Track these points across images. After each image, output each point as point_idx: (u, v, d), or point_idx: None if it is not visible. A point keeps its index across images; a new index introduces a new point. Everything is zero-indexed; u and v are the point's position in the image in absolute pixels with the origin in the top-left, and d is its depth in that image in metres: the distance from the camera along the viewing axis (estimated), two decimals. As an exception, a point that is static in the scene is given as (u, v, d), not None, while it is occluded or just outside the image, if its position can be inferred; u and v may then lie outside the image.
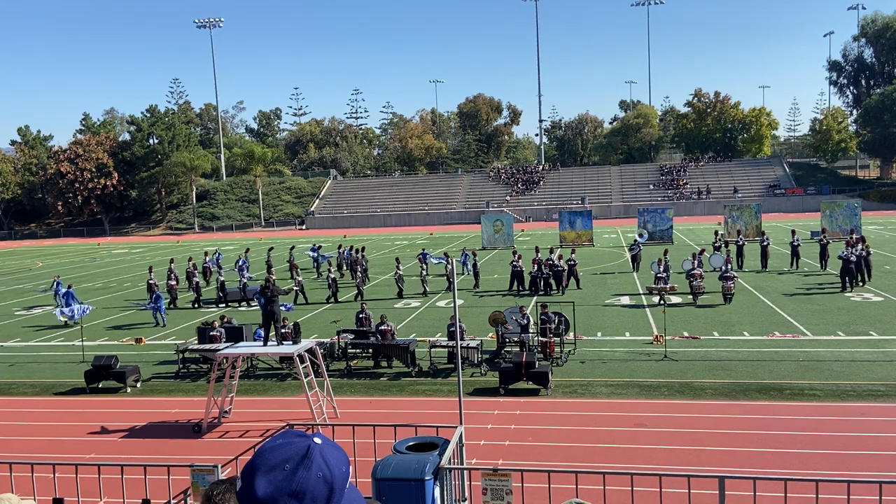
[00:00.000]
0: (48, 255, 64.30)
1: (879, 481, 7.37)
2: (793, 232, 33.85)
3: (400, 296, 29.90)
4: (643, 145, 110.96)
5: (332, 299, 29.37)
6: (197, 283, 31.20)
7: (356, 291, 30.01)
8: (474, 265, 32.26)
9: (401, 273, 30.69)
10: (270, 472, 1.55)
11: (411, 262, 38.41)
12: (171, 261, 33.80)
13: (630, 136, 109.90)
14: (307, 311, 27.51)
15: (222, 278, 31.24)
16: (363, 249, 36.24)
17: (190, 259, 34.43)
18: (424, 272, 31.48)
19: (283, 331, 15.42)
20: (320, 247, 41.56)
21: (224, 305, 29.64)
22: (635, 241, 36.28)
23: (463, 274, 34.14)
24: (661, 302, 25.76)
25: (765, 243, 33.66)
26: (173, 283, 30.12)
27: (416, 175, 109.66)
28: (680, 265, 29.73)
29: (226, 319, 20.67)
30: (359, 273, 30.53)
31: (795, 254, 32.60)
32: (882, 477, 9.37)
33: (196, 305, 30.02)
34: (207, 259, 37.17)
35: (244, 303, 29.81)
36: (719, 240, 34.68)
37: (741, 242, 34.33)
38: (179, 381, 18.50)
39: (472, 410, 13.88)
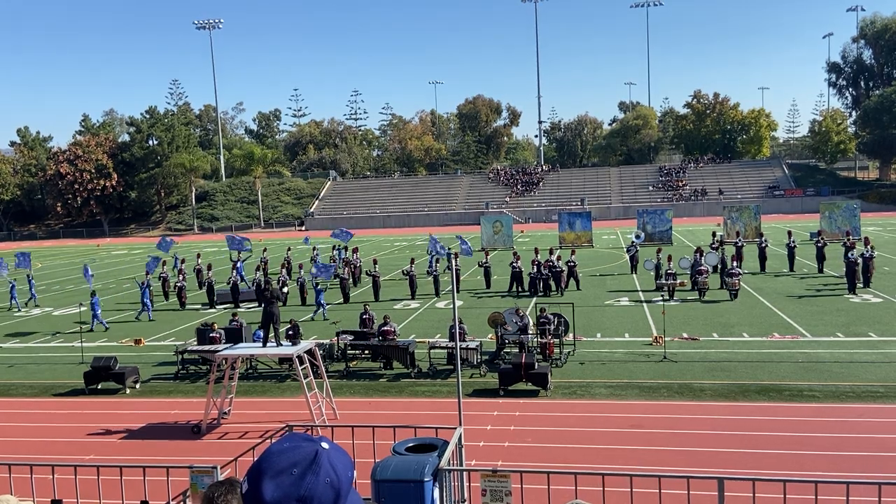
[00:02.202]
0: (47, 256, 64.23)
1: (879, 482, 7.38)
2: (789, 233, 33.88)
3: (413, 296, 29.90)
4: (642, 146, 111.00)
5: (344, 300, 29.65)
6: (182, 285, 31.07)
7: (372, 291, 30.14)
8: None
9: (413, 272, 30.74)
10: (278, 476, 1.55)
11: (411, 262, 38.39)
12: (164, 263, 33.82)
13: (629, 137, 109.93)
14: (306, 311, 27.50)
15: (211, 279, 31.21)
16: (357, 250, 36.30)
17: (182, 261, 34.43)
18: (435, 271, 31.60)
19: (289, 332, 15.45)
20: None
21: (211, 307, 29.74)
22: (632, 242, 36.37)
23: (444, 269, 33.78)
24: (670, 297, 26.36)
25: (763, 245, 33.64)
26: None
27: (415, 176, 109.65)
28: (677, 263, 29.86)
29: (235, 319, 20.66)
30: (346, 272, 30.99)
31: (791, 255, 32.62)
32: (881, 478, 9.37)
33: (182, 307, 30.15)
34: (200, 261, 37.05)
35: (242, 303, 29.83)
36: (716, 241, 34.72)
37: (740, 244, 34.24)
38: (179, 382, 18.50)
39: (471, 412, 13.87)
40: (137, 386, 17.99)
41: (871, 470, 10.99)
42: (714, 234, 37.26)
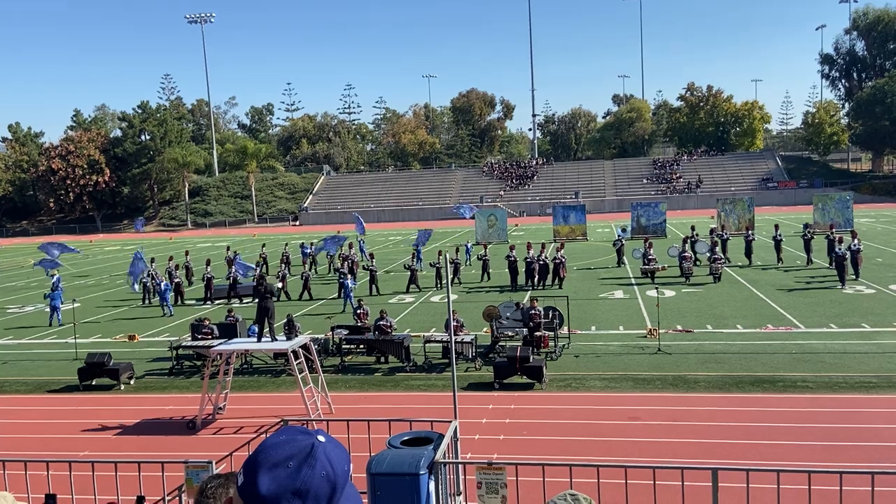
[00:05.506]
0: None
1: (871, 472, 7.42)
2: (776, 227, 34.08)
3: (407, 291, 29.99)
4: (636, 139, 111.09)
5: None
6: (178, 282, 31.02)
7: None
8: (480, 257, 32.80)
9: (414, 267, 30.81)
10: (274, 469, 1.53)
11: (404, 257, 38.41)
12: (153, 260, 33.68)
13: (623, 130, 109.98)
14: (302, 306, 27.48)
15: (210, 275, 31.04)
16: (351, 246, 36.30)
17: (171, 258, 34.34)
18: (419, 267, 31.69)
19: (285, 327, 15.40)
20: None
21: (209, 303, 29.71)
22: (618, 236, 36.67)
23: (468, 264, 34.61)
24: (652, 280, 28.57)
25: (750, 238, 33.81)
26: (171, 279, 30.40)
27: (409, 170, 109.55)
28: (666, 252, 31.66)
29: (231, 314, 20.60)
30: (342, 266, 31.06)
31: (778, 248, 32.86)
32: (874, 468, 9.43)
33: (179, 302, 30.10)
34: (188, 258, 36.97)
35: (235, 299, 29.79)
36: (695, 234, 34.96)
37: (725, 237, 34.62)
38: (173, 377, 18.47)
39: (466, 405, 13.90)
40: (132, 382, 17.96)
41: (864, 460, 11.06)
42: (693, 229, 37.67)
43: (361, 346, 19.22)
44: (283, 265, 32.64)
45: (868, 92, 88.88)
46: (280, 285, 29.25)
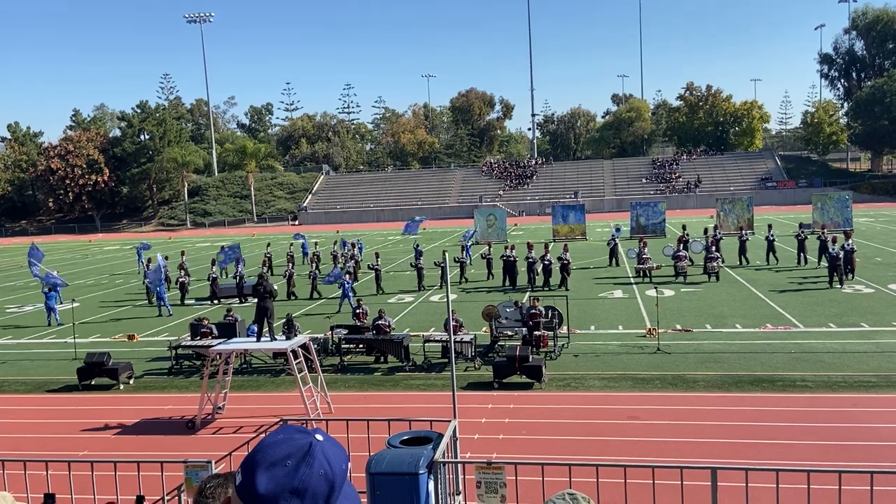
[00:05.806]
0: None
1: (871, 471, 7.42)
2: (769, 227, 34.11)
3: (420, 288, 30.16)
4: (635, 139, 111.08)
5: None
6: (183, 281, 31.13)
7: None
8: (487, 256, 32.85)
9: (422, 266, 30.96)
10: (272, 468, 1.53)
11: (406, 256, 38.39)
12: (149, 261, 33.71)
13: (622, 129, 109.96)
14: (302, 306, 27.48)
15: (214, 274, 31.08)
16: (354, 245, 36.37)
17: (166, 258, 34.29)
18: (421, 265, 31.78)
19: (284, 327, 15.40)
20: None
21: (215, 302, 29.68)
22: (612, 235, 36.69)
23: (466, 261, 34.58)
24: (642, 278, 29.69)
25: (744, 238, 33.81)
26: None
27: (408, 170, 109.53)
28: (662, 251, 32.29)
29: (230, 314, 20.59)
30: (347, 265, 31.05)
31: (771, 247, 32.87)
32: (873, 467, 9.44)
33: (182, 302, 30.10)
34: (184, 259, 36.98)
35: (239, 298, 29.79)
36: (687, 234, 35.07)
37: (718, 236, 34.67)
38: (173, 377, 18.47)
39: (466, 404, 13.90)
40: (131, 381, 17.96)
41: (863, 459, 11.07)
42: (706, 230, 37.75)
43: (361, 346, 19.22)
44: (289, 264, 32.69)
45: (867, 91, 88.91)
46: (273, 279, 29.34)
